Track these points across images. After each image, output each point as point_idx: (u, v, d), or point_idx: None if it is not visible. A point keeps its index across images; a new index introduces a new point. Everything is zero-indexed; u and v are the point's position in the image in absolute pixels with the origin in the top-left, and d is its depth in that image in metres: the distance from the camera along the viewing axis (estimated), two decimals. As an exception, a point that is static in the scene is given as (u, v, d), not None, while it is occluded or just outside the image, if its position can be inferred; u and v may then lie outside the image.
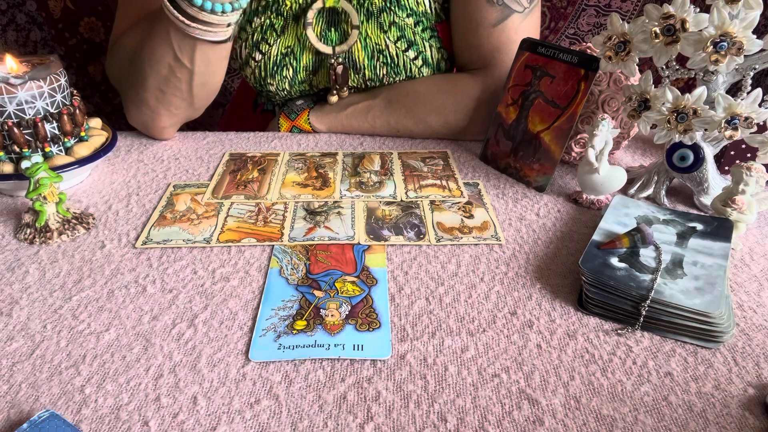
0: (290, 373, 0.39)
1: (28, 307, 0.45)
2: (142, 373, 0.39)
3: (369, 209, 0.59)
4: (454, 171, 0.68)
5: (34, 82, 0.57)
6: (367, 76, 0.77)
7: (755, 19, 0.49)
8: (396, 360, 0.40)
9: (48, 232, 0.53)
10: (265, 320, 0.43)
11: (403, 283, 0.48)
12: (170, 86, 0.67)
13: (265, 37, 0.76)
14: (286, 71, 0.77)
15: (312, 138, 0.78)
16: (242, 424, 0.35)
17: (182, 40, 0.63)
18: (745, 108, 0.52)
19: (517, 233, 0.56)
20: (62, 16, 1.27)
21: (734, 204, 0.53)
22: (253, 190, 0.63)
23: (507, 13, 0.72)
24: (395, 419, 0.36)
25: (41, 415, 0.34)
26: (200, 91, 0.69)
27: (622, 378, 0.39)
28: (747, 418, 0.36)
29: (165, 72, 0.66)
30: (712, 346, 0.41)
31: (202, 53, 0.64)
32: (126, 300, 0.46)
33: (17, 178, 0.58)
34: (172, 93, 0.68)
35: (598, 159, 0.58)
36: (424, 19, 0.75)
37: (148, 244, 0.53)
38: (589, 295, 0.44)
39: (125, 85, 0.72)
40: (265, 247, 0.53)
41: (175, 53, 0.64)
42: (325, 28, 0.75)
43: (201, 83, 0.68)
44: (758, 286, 0.48)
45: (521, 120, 0.66)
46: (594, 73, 0.60)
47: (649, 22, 0.54)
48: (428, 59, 0.78)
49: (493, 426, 0.35)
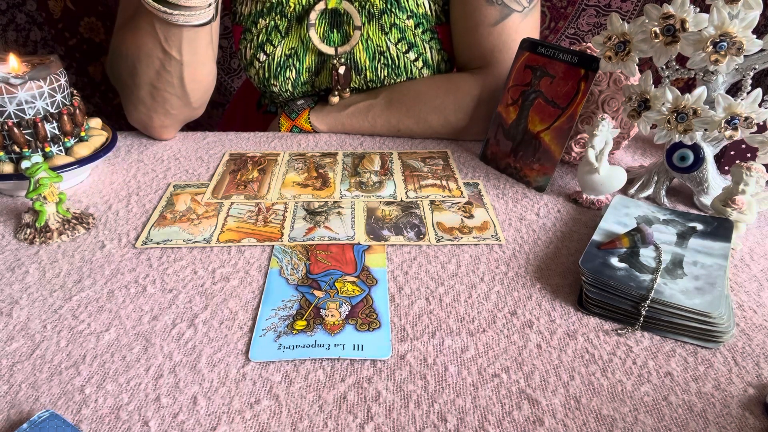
0: (290, 373, 0.39)
1: (28, 307, 0.45)
2: (142, 373, 0.39)
3: (369, 209, 0.59)
4: (454, 171, 0.68)
5: (34, 82, 0.57)
6: (368, 78, 0.78)
7: (755, 19, 0.49)
8: (396, 360, 0.40)
9: (48, 232, 0.53)
10: (265, 320, 0.43)
11: (403, 283, 0.48)
12: (162, 82, 0.67)
13: (269, 39, 0.76)
14: (290, 72, 0.78)
15: (312, 138, 0.78)
16: (242, 424, 0.35)
17: (168, 30, 0.63)
18: (745, 108, 0.52)
19: (517, 233, 0.56)
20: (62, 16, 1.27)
21: (734, 204, 0.53)
22: (253, 190, 0.63)
23: (506, 13, 0.72)
24: (395, 419, 0.36)
25: (41, 415, 0.34)
26: (193, 87, 0.69)
27: (622, 378, 0.39)
28: (747, 418, 0.36)
29: (156, 66, 0.66)
30: (712, 346, 0.41)
31: (189, 40, 0.65)
32: (126, 300, 0.46)
33: (17, 178, 0.58)
34: (164, 89, 0.68)
35: (598, 159, 0.58)
36: (424, 21, 0.76)
37: (148, 244, 0.53)
38: (589, 295, 0.44)
39: (122, 84, 0.72)
40: (265, 247, 0.53)
41: (163, 46, 0.64)
42: (328, 30, 0.76)
43: (191, 77, 0.68)
44: (758, 286, 0.48)
45: (521, 120, 0.66)
46: (594, 73, 0.60)
47: (648, 22, 0.54)
48: (429, 61, 0.78)
49: (493, 426, 0.35)
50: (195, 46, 0.66)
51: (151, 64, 0.66)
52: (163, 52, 0.65)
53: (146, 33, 0.64)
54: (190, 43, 0.65)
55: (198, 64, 0.68)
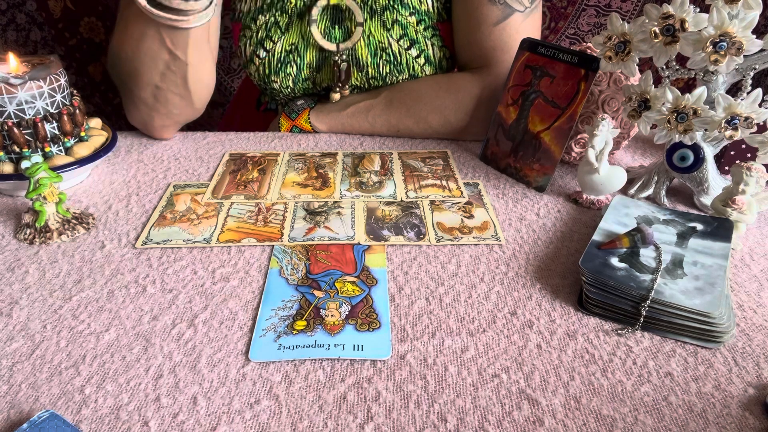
0: (290, 373, 0.39)
1: (28, 307, 0.45)
2: (142, 373, 0.39)
3: (369, 209, 0.59)
4: (454, 171, 0.68)
5: (34, 82, 0.57)
6: (370, 74, 0.77)
7: (755, 19, 0.49)
8: (396, 360, 0.40)
9: (48, 232, 0.53)
10: (265, 320, 0.43)
11: (403, 283, 0.48)
12: (166, 82, 0.67)
13: (269, 35, 0.76)
14: (290, 68, 0.78)
15: (312, 138, 0.78)
16: (242, 424, 0.35)
17: (174, 35, 0.63)
18: (745, 108, 0.52)
19: (517, 233, 0.56)
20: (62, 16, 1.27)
21: (734, 204, 0.53)
22: (253, 190, 0.63)
23: (508, 12, 0.72)
24: (395, 419, 0.36)
25: (41, 415, 0.34)
26: (196, 87, 0.69)
27: (622, 378, 0.39)
28: (747, 418, 0.36)
29: (161, 68, 0.66)
30: (712, 347, 0.41)
31: (194, 41, 0.65)
32: (126, 300, 0.46)
33: (17, 178, 0.58)
34: (168, 89, 0.68)
35: (598, 159, 0.58)
36: (426, 17, 0.76)
37: (148, 244, 0.53)
38: (589, 295, 0.44)
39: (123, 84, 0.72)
40: (265, 247, 0.53)
41: (169, 48, 0.64)
42: (329, 26, 0.76)
43: (195, 77, 0.68)
44: (758, 286, 0.48)
45: (521, 120, 0.66)
46: (594, 73, 0.60)
47: (648, 22, 0.54)
48: (430, 57, 0.78)
49: (493, 426, 0.35)
50: (200, 46, 0.66)
51: (155, 66, 0.66)
52: (170, 53, 0.65)
53: (150, 37, 0.64)
54: (195, 43, 0.65)
55: (201, 63, 0.68)
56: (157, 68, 0.66)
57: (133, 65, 0.67)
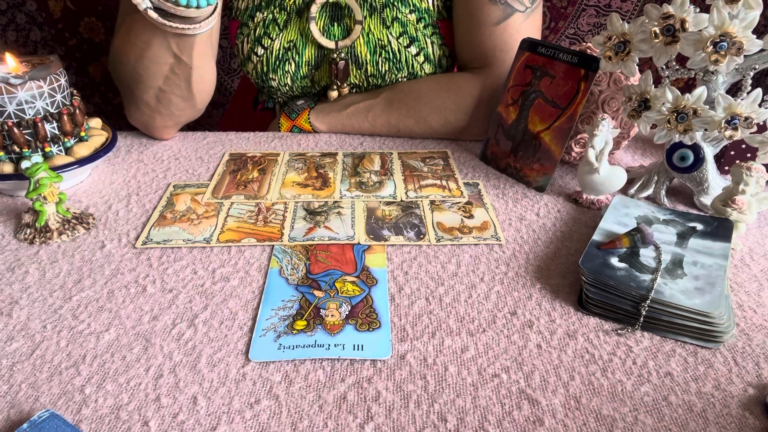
0: (290, 373, 0.39)
1: (28, 307, 0.45)
2: (142, 373, 0.39)
3: (369, 209, 0.59)
4: (454, 171, 0.68)
5: (34, 82, 0.57)
6: (369, 72, 0.77)
7: (755, 19, 0.49)
8: (396, 360, 0.40)
9: (48, 232, 0.53)
10: (265, 320, 0.43)
11: (403, 283, 0.48)
12: (170, 84, 0.67)
13: (267, 32, 0.76)
14: (288, 66, 0.77)
15: (312, 138, 0.78)
16: (242, 424, 0.35)
17: (181, 41, 0.63)
18: (745, 108, 0.52)
19: (517, 233, 0.56)
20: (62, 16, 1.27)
21: (734, 204, 0.53)
22: (253, 190, 0.63)
23: (509, 12, 0.72)
24: (395, 419, 0.36)
25: (41, 415, 0.34)
26: (199, 88, 0.69)
27: (622, 378, 0.39)
28: (747, 418, 0.36)
29: (165, 71, 0.66)
30: (712, 346, 0.41)
31: (199, 45, 0.65)
32: (126, 300, 0.46)
33: (17, 178, 0.58)
34: (171, 91, 0.68)
35: (598, 159, 0.58)
36: (426, 15, 0.76)
37: (148, 244, 0.53)
38: (589, 295, 0.44)
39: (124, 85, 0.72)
40: (265, 247, 0.53)
41: (174, 52, 0.64)
42: (328, 23, 0.75)
43: (199, 79, 0.68)
44: (758, 286, 0.48)
45: (521, 120, 0.66)
46: (594, 73, 0.60)
47: (648, 22, 0.54)
48: (430, 56, 0.78)
49: (493, 426, 0.35)
50: (204, 48, 0.66)
51: (159, 70, 0.66)
52: (175, 57, 0.65)
53: (156, 44, 0.64)
54: (200, 47, 0.65)
55: (204, 64, 0.68)
56: (162, 72, 0.66)
57: (136, 70, 0.67)
